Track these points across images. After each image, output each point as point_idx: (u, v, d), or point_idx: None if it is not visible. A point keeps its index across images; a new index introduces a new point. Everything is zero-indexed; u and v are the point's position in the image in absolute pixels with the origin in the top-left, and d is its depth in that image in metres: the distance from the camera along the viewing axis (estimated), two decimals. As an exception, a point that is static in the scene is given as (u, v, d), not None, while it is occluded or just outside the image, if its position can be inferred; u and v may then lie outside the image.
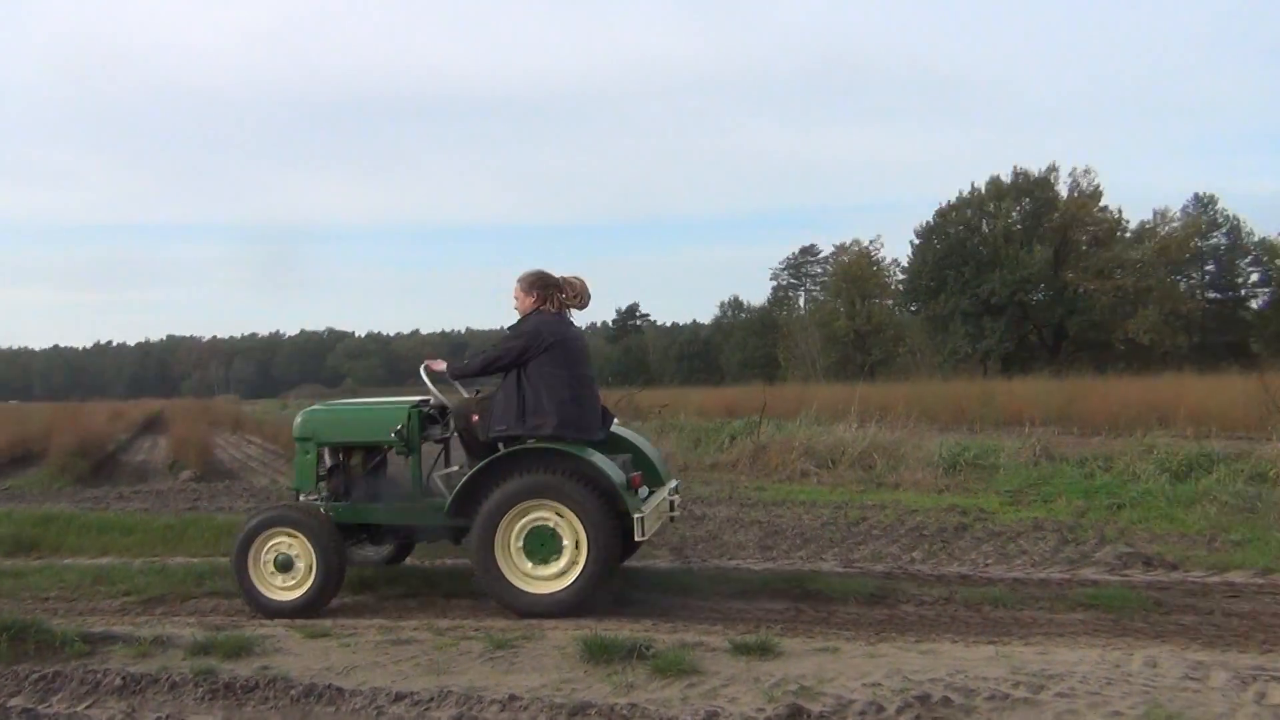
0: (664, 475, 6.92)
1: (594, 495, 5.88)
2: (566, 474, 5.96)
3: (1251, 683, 4.42)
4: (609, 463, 6.06)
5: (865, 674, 4.60)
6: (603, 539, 5.84)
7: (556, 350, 6.19)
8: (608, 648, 4.93)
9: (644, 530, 5.83)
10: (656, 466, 6.84)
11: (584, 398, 6.28)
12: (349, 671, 4.91)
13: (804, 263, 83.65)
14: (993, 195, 56.59)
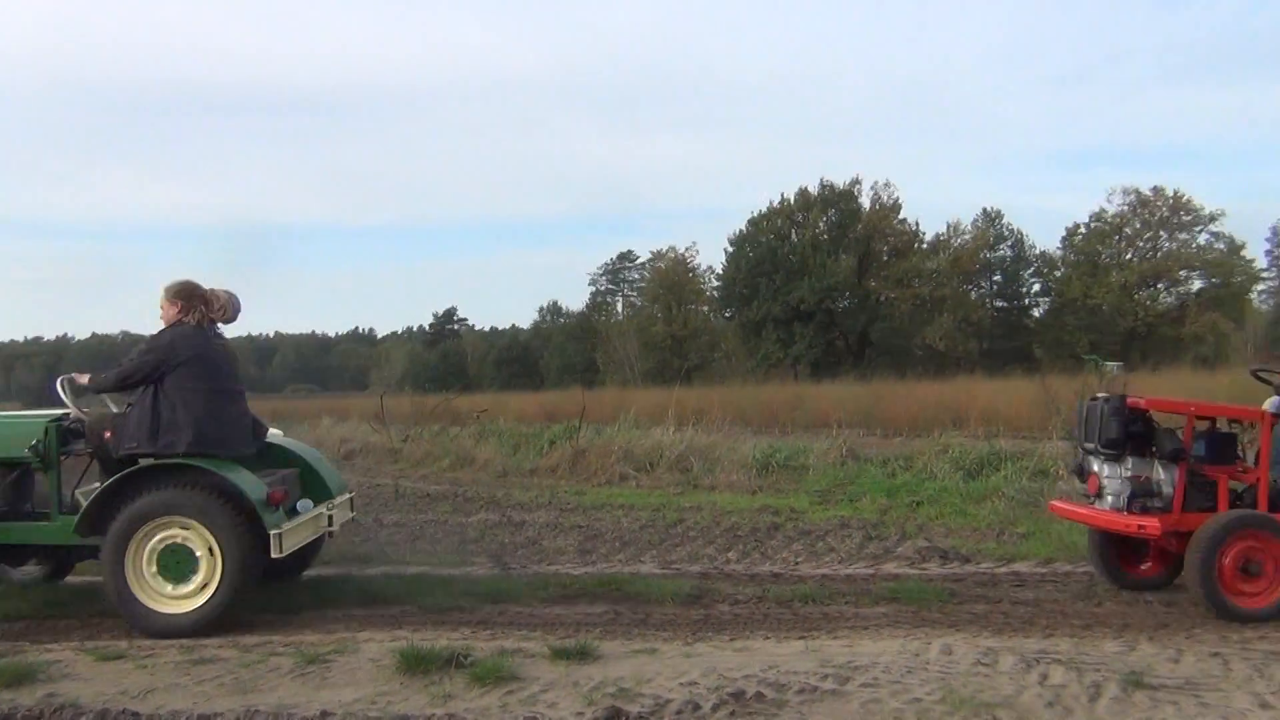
0: (334, 488, 6.84)
1: (229, 511, 5.75)
2: (200, 490, 5.82)
3: (1036, 665, 4.75)
4: (248, 478, 5.93)
5: (682, 673, 4.68)
6: (238, 556, 5.72)
7: (194, 364, 6.04)
8: (424, 658, 4.84)
9: (281, 547, 5.73)
10: (325, 479, 6.80)
11: (224, 412, 6.15)
12: (146, 695, 4.63)
13: (621, 268, 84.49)
14: (801, 206, 58.71)
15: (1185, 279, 58.59)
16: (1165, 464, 6.11)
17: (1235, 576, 5.72)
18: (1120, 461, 6.15)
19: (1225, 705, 4.16)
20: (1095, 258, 58.88)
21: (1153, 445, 6.15)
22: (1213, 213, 57.87)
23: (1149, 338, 56.78)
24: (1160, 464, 6.13)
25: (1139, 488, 6.09)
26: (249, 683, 4.77)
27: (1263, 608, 5.69)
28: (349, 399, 47.45)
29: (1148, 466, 6.16)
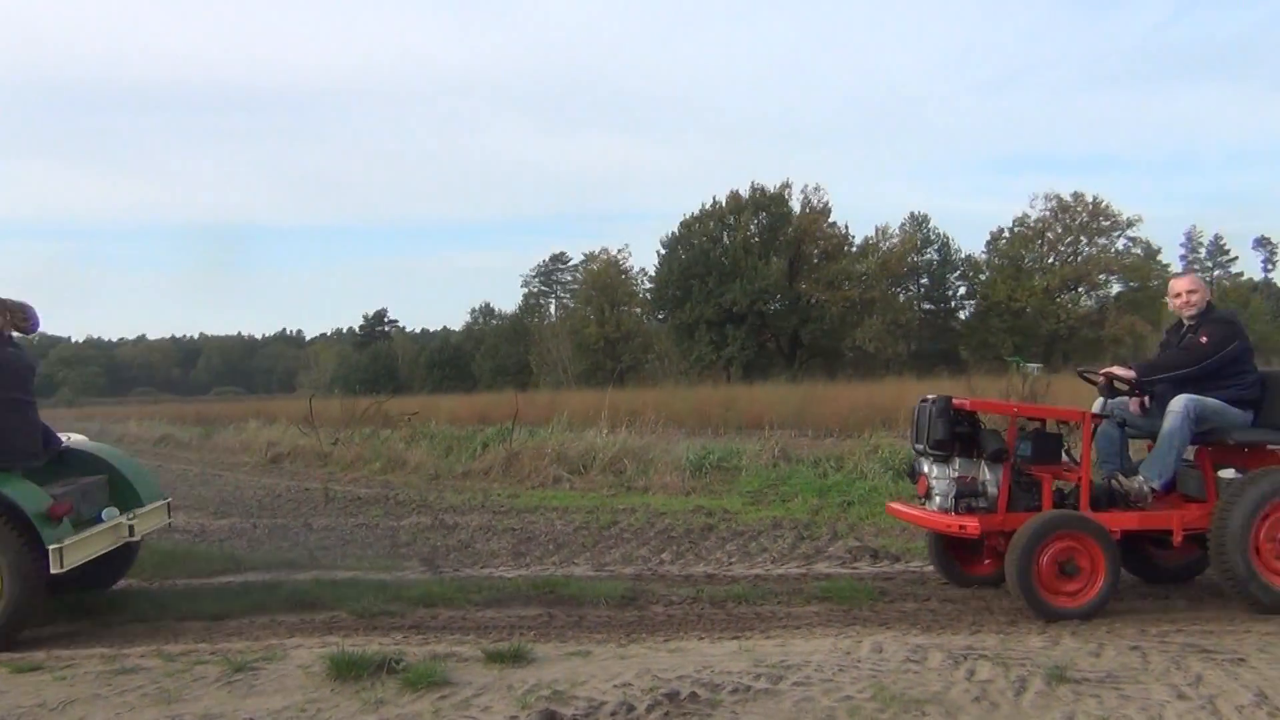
0: (145, 495, 6.68)
1: (4, 526, 5.58)
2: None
3: (963, 661, 4.84)
4: (27, 490, 5.76)
5: (616, 675, 4.68)
6: (18, 571, 5.55)
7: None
8: (355, 664, 4.77)
9: (62, 562, 5.54)
10: (135, 486, 6.66)
11: (8, 421, 5.99)
12: (65, 707, 4.50)
13: (554, 270, 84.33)
14: (732, 209, 59.08)
15: (1105, 282, 60.27)
16: (991, 465, 6.16)
17: (1053, 576, 5.81)
18: (948, 462, 6.19)
19: (1144, 697, 4.28)
20: (1019, 261, 60.22)
21: (979, 446, 6.20)
22: (1130, 218, 59.69)
23: (1070, 340, 58.23)
24: (986, 465, 6.17)
25: (964, 488, 6.11)
26: (174, 692, 4.67)
27: (1079, 607, 5.79)
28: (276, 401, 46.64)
29: (974, 467, 6.19)
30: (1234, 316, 6.62)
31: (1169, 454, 6.19)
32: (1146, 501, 6.23)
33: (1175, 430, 6.14)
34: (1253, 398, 6.32)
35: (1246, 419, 6.29)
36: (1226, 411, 6.22)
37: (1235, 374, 6.31)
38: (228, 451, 22.06)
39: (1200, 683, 4.45)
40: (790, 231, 58.50)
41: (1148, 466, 6.30)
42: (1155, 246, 62.00)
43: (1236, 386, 6.29)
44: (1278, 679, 4.48)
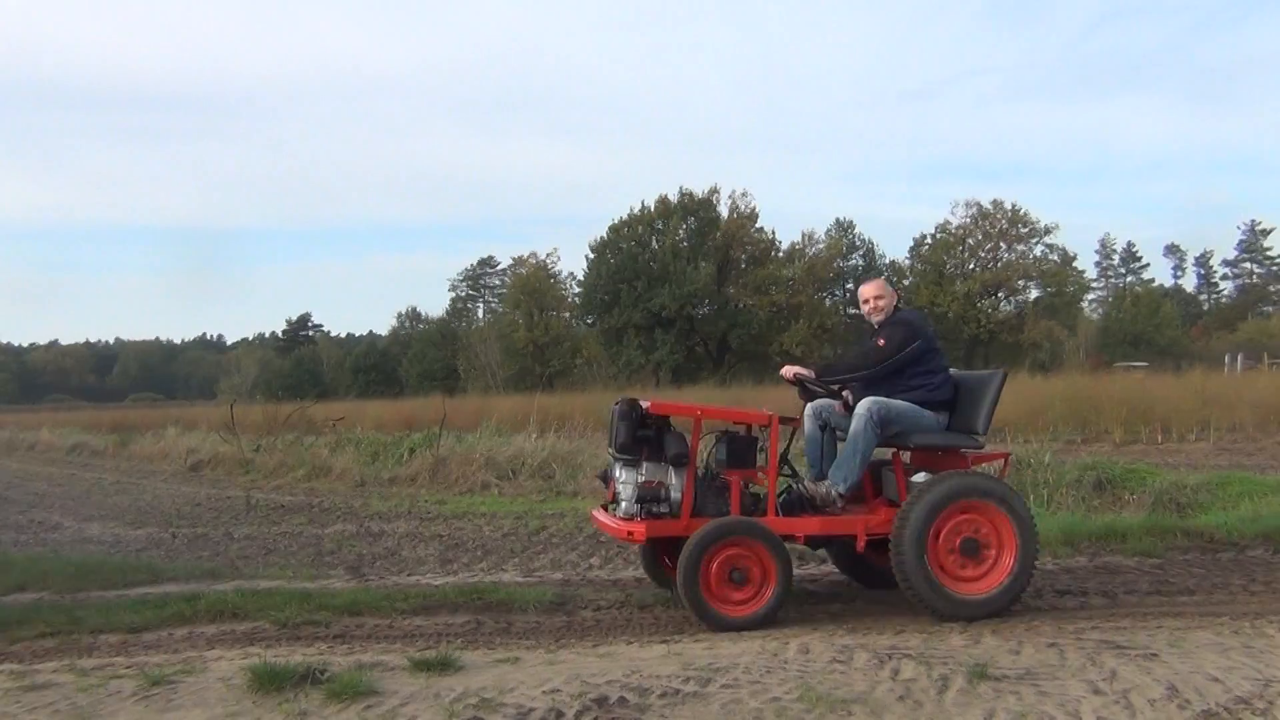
0: None
1: None
2: None
3: (888, 661, 4.91)
4: None
5: (545, 681, 4.66)
6: None
7: None
8: (278, 675, 4.67)
9: None
10: None
11: None
12: (-29, 726, 4.34)
13: (482, 274, 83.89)
14: (661, 213, 59.36)
15: (1023, 288, 61.82)
16: (676, 469, 6.04)
17: (722, 584, 5.74)
18: (636, 466, 6.07)
19: (1062, 693, 4.39)
20: (941, 267, 61.49)
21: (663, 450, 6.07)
22: (1047, 225, 61.36)
23: (991, 344, 59.59)
24: (673, 469, 6.05)
25: (646, 493, 5.96)
26: (87, 709, 4.52)
27: (748, 616, 5.75)
28: (196, 408, 45.70)
29: (662, 471, 6.06)
30: (916, 318, 6.57)
31: (853, 458, 6.15)
32: (835, 506, 6.17)
33: (859, 434, 6.10)
34: (943, 399, 6.34)
35: (938, 421, 6.31)
36: (914, 414, 6.21)
37: (921, 375, 6.31)
38: (145, 460, 21.51)
39: (1115, 678, 4.57)
40: (718, 237, 58.97)
41: (835, 471, 6.23)
42: (1071, 253, 63.93)
43: (925, 388, 6.29)
44: (1188, 673, 4.63)
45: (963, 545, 5.95)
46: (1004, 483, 6.28)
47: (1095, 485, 10.80)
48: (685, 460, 6.00)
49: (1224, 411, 19.93)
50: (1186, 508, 9.83)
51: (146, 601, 6.66)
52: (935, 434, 6.30)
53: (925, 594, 5.85)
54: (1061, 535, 8.29)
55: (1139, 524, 8.60)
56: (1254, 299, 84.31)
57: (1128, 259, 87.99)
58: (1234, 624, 5.65)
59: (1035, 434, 18.57)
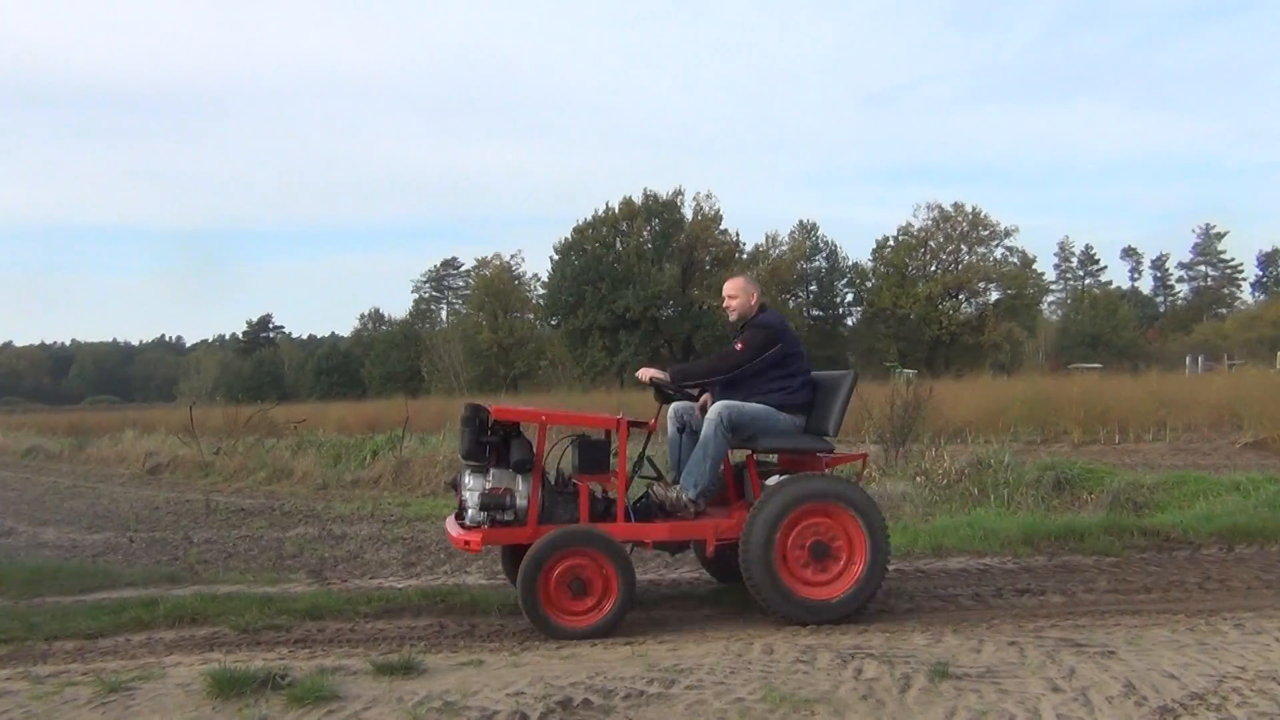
0: None
1: None
2: None
3: (851, 660, 4.94)
4: None
5: (509, 684, 4.64)
6: None
7: None
8: (238, 681, 4.62)
9: None
10: None
11: None
12: (-78, 735, 4.26)
13: (446, 275, 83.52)
14: (625, 215, 59.43)
15: (984, 290, 62.51)
16: (522, 475, 5.92)
17: (562, 593, 5.64)
18: (484, 473, 5.94)
19: (1021, 691, 4.43)
20: (903, 269, 62.01)
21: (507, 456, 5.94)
22: (1007, 228, 62.15)
23: (952, 345, 60.19)
24: (520, 475, 5.93)
25: (490, 500, 5.83)
26: (42, 716, 4.44)
27: (590, 626, 5.65)
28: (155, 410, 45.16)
29: (509, 478, 5.93)
30: (775, 321, 6.44)
31: (703, 462, 6.07)
32: (687, 511, 6.07)
33: (709, 438, 6.04)
34: (801, 402, 6.29)
35: (795, 423, 6.26)
36: (768, 417, 6.16)
37: (781, 378, 6.26)
38: (102, 463, 21.21)
39: (1073, 675, 4.63)
40: (683, 238, 59.13)
41: (685, 475, 6.14)
42: (1031, 256, 64.71)
43: (783, 391, 6.24)
44: (1145, 670, 4.70)
45: (812, 549, 5.90)
46: (855, 485, 6.24)
47: (1054, 485, 10.93)
48: (529, 466, 5.87)
49: (1179, 412, 20.27)
50: (1143, 507, 9.98)
51: (103, 607, 6.56)
52: (783, 437, 6.22)
53: (771, 598, 5.80)
54: (1021, 535, 8.38)
55: (1097, 523, 8.72)
56: (1209, 301, 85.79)
57: (1086, 261, 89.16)
58: (1189, 621, 5.75)
59: (995, 434, 18.78)
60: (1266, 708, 4.14)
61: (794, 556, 5.89)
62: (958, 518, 9.38)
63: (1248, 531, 8.47)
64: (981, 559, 7.98)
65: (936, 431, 14.94)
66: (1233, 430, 18.84)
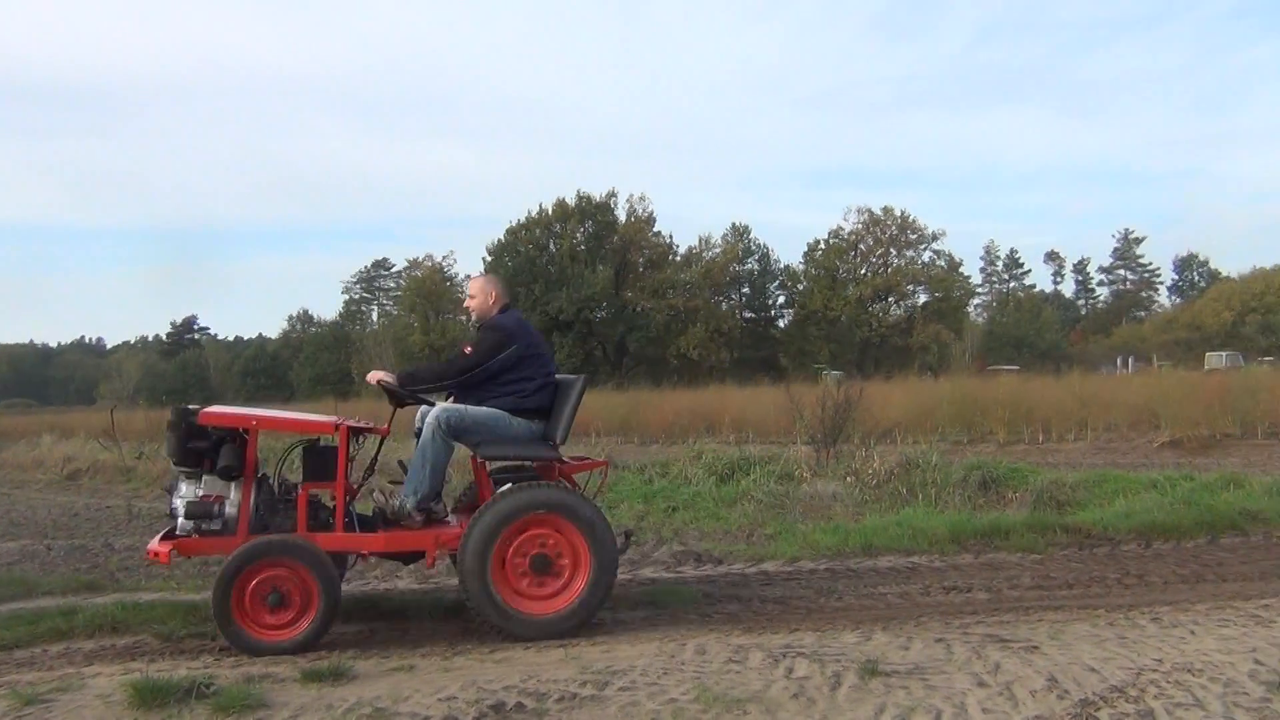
0: None
1: None
2: None
3: (782, 659, 4.99)
4: None
5: (441, 688, 4.60)
6: None
7: None
8: (161, 690, 4.51)
9: None
10: None
11: None
12: None
13: (377, 276, 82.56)
14: (558, 216, 59.29)
15: (912, 293, 63.55)
16: (233, 483, 5.71)
17: (259, 607, 5.41)
18: (196, 480, 5.73)
19: (949, 687, 4.51)
20: (834, 272, 62.77)
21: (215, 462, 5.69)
22: (935, 232, 63.31)
23: (882, 347, 61.06)
24: (233, 484, 5.71)
25: (197, 509, 5.59)
26: (-46, 731, 4.30)
27: (290, 640, 5.43)
28: (74, 414, 43.84)
29: (223, 485, 5.72)
30: (509, 322, 6.24)
31: (423, 469, 5.91)
32: (412, 520, 5.89)
33: (427, 444, 5.89)
34: (537, 406, 6.11)
35: (530, 429, 6.08)
36: (496, 422, 5.98)
37: (516, 382, 6.07)
38: (18, 469, 20.56)
39: (998, 670, 4.72)
40: (616, 240, 59.16)
41: (407, 483, 5.98)
42: (958, 259, 66.04)
43: (517, 395, 6.05)
44: (1067, 664, 4.81)
45: (533, 562, 5.71)
46: (579, 494, 5.96)
47: (980, 484, 11.16)
48: (235, 473, 5.64)
49: (1100, 412, 20.82)
50: (1065, 505, 10.23)
51: (19, 617, 6.36)
52: (507, 444, 6.03)
53: (488, 612, 5.61)
54: (948, 533, 8.53)
55: (1021, 521, 8.91)
56: (1128, 304, 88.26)
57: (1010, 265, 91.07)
58: (1109, 616, 5.90)
59: (924, 435, 19.10)
60: (1182, 698, 4.27)
61: (514, 570, 5.68)
62: (887, 517, 9.52)
63: (1164, 528, 8.73)
64: (910, 557, 8.10)
65: (866, 432, 15.14)
66: (1151, 430, 19.40)
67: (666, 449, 17.18)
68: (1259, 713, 4.08)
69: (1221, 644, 5.12)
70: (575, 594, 5.74)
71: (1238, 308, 66.19)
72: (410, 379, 6.17)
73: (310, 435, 6.22)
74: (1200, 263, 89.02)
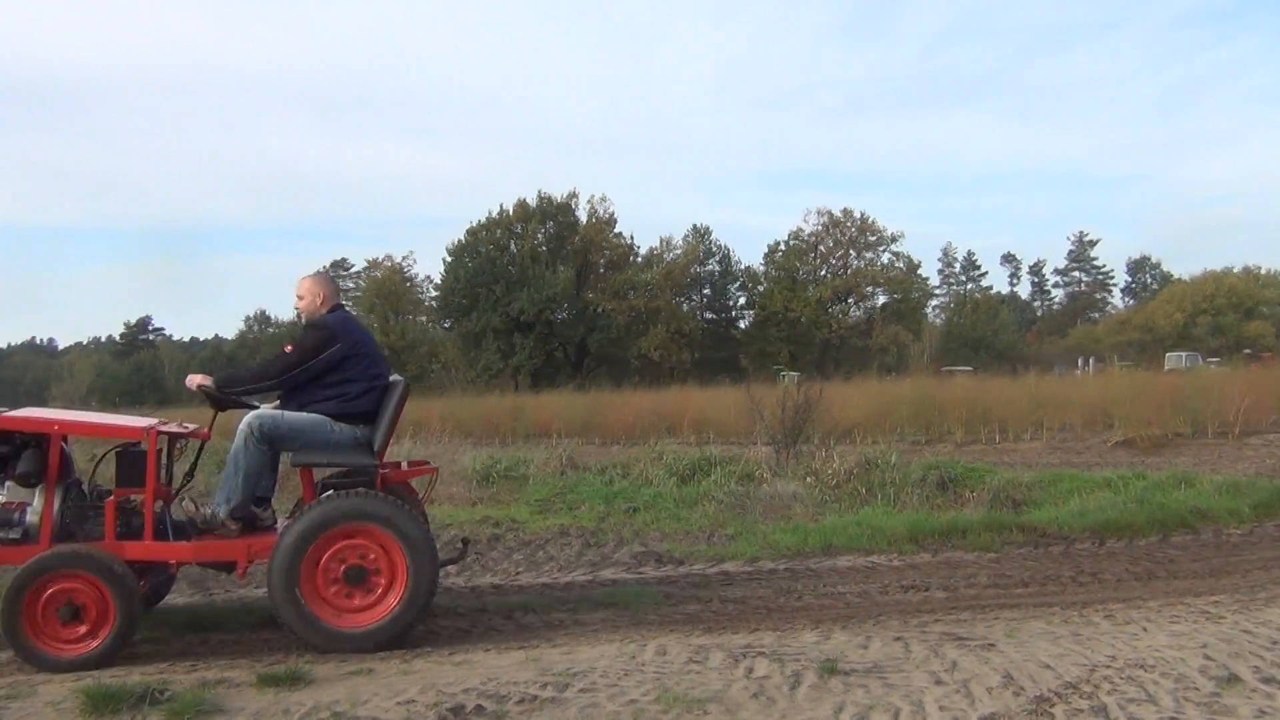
0: None
1: None
2: None
3: (742, 659, 5.00)
4: None
5: (400, 692, 4.57)
6: None
7: None
8: (114, 697, 4.44)
9: None
10: None
11: None
12: None
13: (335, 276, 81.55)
14: (519, 217, 59.07)
15: (871, 294, 64.08)
16: (32, 489, 5.52)
17: (51, 620, 5.20)
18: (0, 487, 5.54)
19: (907, 685, 4.55)
20: (794, 273, 63.12)
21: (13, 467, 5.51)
22: (894, 234, 63.79)
23: (841, 348, 61.49)
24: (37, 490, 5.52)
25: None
26: (-102, 740, 4.21)
27: (84, 655, 5.21)
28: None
29: (27, 492, 5.53)
30: (334, 321, 6.00)
31: (234, 476, 5.71)
32: (226, 529, 5.70)
33: (239, 450, 5.71)
34: (362, 411, 5.85)
35: (354, 434, 5.82)
36: (314, 427, 5.76)
37: (339, 385, 5.84)
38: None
39: (956, 668, 4.77)
40: (577, 241, 59.05)
41: (219, 490, 5.82)
42: (916, 261, 66.69)
43: (340, 399, 5.82)
44: (1022, 661, 4.87)
45: (347, 573, 5.50)
46: (397, 504, 5.65)
47: (938, 484, 11.27)
48: (34, 480, 5.48)
49: (1055, 412, 21.09)
50: (1021, 504, 10.36)
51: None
52: (322, 450, 5.80)
53: (297, 627, 5.42)
54: (907, 533, 8.61)
55: (978, 520, 9.01)
56: (1083, 306, 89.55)
57: (968, 267, 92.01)
58: (1064, 613, 5.98)
59: (883, 435, 19.25)
60: (1135, 694, 4.33)
61: (326, 581, 5.49)
62: (846, 517, 9.59)
63: (1118, 526, 8.87)
64: (869, 557, 8.17)
65: (826, 433, 15.24)
66: (1105, 429, 19.69)
67: (628, 450, 17.17)
68: (1209, 707, 4.16)
69: (1173, 640, 5.21)
70: (388, 609, 5.51)
71: (1189, 309, 67.37)
72: (230, 382, 5.94)
73: (120, 440, 5.92)
74: (1153, 265, 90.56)
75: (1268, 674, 4.56)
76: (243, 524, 5.77)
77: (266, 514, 5.98)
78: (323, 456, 5.84)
